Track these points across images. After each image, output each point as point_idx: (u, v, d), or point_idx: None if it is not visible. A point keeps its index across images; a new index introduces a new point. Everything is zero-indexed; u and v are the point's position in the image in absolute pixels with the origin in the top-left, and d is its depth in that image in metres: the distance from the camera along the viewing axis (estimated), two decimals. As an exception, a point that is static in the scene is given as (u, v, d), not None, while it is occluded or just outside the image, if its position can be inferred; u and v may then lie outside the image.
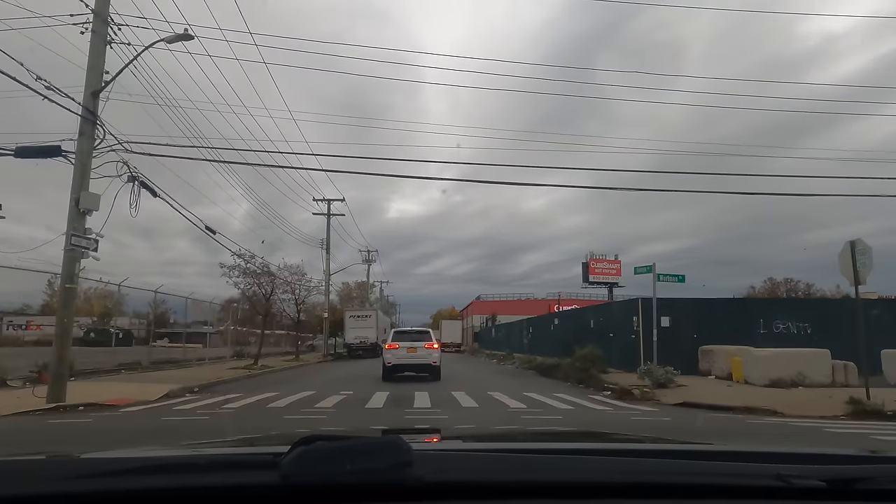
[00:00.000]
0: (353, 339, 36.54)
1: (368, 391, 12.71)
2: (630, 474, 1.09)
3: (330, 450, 0.98)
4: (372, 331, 36.54)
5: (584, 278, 65.20)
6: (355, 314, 37.53)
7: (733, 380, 13.55)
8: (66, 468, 1.09)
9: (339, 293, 54.52)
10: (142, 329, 31.29)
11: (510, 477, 1.05)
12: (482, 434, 3.06)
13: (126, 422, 8.67)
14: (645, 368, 12.82)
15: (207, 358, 24.99)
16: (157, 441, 6.87)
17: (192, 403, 10.72)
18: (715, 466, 1.16)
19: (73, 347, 11.97)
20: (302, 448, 0.97)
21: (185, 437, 6.91)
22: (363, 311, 38.80)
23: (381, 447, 1.04)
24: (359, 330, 36.56)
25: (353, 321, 36.94)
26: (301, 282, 29.00)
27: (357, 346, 36.36)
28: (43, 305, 46.55)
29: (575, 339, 21.82)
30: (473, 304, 77.97)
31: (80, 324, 35.72)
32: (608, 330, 18.39)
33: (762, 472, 1.08)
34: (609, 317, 18.85)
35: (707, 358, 15.29)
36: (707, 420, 9.14)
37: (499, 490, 1.02)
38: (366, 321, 36.75)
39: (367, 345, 36.38)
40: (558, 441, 2.15)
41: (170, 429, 7.89)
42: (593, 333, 19.80)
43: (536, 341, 29.10)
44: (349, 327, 36.82)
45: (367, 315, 37.36)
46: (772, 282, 68.43)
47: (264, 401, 10.99)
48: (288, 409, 9.86)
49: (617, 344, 16.88)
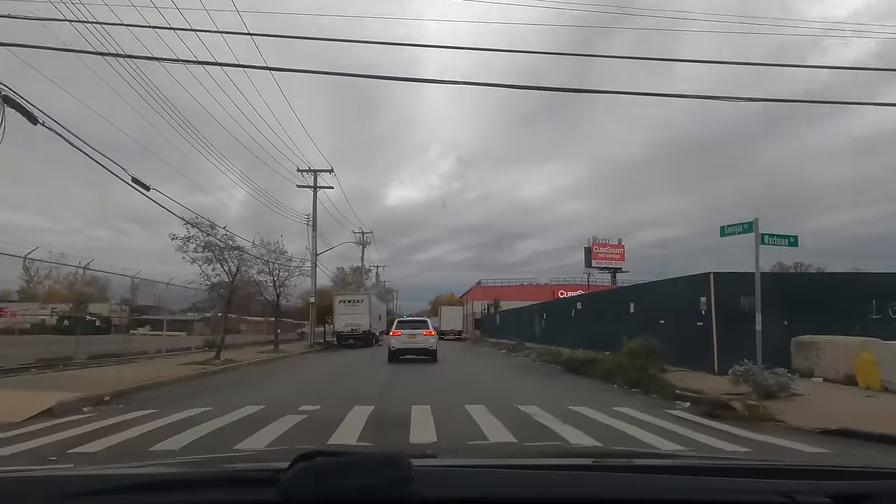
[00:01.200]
0: (343, 326, 32.58)
1: (345, 405, 8.77)
2: (632, 490, 1.08)
3: (330, 466, 0.97)
4: (364, 317, 32.56)
5: (586, 263, 62.90)
6: (346, 299, 33.52)
7: (861, 385, 9.65)
8: (58, 485, 1.07)
9: (334, 279, 50.68)
10: (124, 316, 28.35)
11: (511, 492, 1.04)
12: (483, 449, 3.44)
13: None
14: (743, 369, 8.89)
15: (164, 350, 21.09)
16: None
17: (47, 436, 6.72)
18: (718, 482, 1.14)
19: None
20: (302, 464, 0.96)
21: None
22: (354, 295, 34.78)
23: (381, 463, 1.01)
24: (350, 316, 32.56)
25: (343, 307, 32.94)
26: (279, 260, 24.97)
27: (347, 334, 32.40)
28: (19, 291, 42.63)
29: (609, 328, 18.00)
30: (473, 289, 74.30)
31: (56, 310, 32.15)
32: (656, 315, 14.42)
33: (766, 488, 1.06)
34: (658, 298, 14.81)
35: (806, 353, 11.35)
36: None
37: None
38: (357, 307, 32.75)
39: (359, 333, 32.42)
40: (560, 457, 2.14)
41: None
42: (634, 320, 15.90)
43: (553, 329, 25.23)
44: (339, 313, 32.85)
45: (358, 300, 33.36)
46: (781, 266, 66.20)
47: (168, 429, 7.00)
48: (190, 448, 5.89)
49: (670, 334, 12.87)
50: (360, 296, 34.40)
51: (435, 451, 2.51)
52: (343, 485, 0.93)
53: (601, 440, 6.36)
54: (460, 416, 7.92)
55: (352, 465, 0.98)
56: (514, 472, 1.27)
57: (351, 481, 0.94)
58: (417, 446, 5.54)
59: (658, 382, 10.81)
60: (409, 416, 7.77)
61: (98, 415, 8.31)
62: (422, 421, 7.42)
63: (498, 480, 1.12)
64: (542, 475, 1.18)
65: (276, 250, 24.68)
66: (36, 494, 1.01)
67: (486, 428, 6.96)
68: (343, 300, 33.34)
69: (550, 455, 2.33)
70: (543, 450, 3.35)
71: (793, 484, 1.05)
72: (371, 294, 35.56)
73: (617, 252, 64.09)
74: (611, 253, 63.99)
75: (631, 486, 1.10)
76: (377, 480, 0.94)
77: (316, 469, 0.95)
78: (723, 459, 1.68)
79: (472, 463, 1.58)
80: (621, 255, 64.05)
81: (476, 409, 8.39)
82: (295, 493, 0.92)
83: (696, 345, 12.32)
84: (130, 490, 1.04)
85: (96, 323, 31.58)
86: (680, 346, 12.47)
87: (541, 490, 1.04)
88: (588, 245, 63.92)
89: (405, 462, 0.97)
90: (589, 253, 62.76)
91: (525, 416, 8.01)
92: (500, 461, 1.75)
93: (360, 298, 33.54)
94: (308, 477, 0.94)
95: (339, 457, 1.00)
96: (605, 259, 63.22)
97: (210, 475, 1.29)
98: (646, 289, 15.63)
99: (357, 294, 35.38)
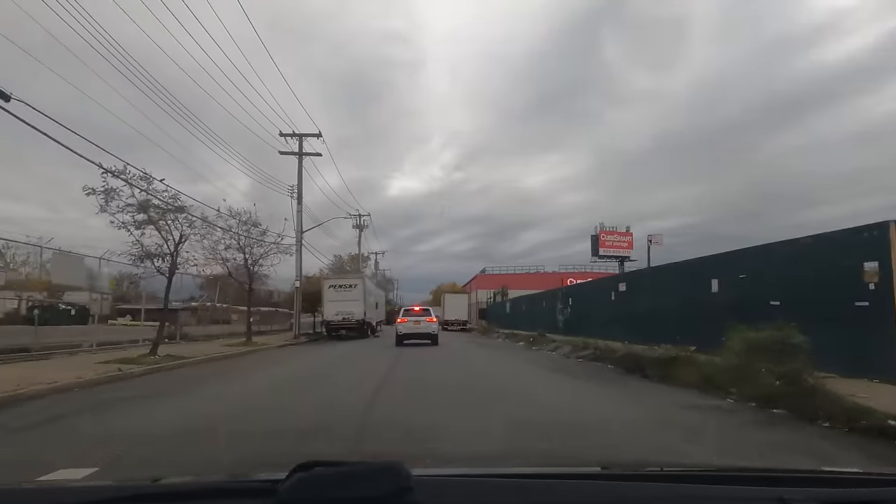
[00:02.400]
0: (333, 314, 28.17)
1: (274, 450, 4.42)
2: (633, 500, 1.08)
3: (328, 476, 0.96)
4: (358, 304, 28.15)
5: (592, 252, 60.08)
6: (336, 283, 29.10)
7: None
8: (51, 498, 1.07)
9: (331, 266, 46.45)
10: (105, 306, 24.96)
11: (509, 502, 1.04)
12: (482, 457, 3.09)
13: None
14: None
15: (109, 343, 16.89)
16: None
17: None
18: (715, 490, 1.15)
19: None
20: (300, 474, 0.95)
21: None
22: (346, 278, 30.39)
23: (380, 473, 0.98)
24: (341, 303, 28.14)
25: (333, 292, 28.54)
26: (250, 234, 20.55)
27: (338, 324, 28.01)
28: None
29: (670, 314, 13.57)
30: (478, 277, 70.20)
31: (29, 298, 28.81)
32: (763, 293, 9.97)
33: (764, 495, 1.07)
34: (768, 267, 10.11)
35: None
36: None
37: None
38: (350, 292, 28.33)
39: (352, 322, 28.05)
40: (559, 465, 2.05)
41: None
42: (716, 303, 11.51)
43: (583, 318, 20.84)
44: (328, 300, 28.46)
45: (351, 284, 28.93)
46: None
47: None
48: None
49: (798, 320, 8.32)
50: (352, 279, 30.00)
51: (434, 460, 2.44)
52: (341, 495, 0.92)
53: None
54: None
55: (350, 474, 0.97)
56: (514, 480, 1.26)
57: (349, 491, 0.93)
58: (416, 456, 3.66)
59: (821, 399, 6.41)
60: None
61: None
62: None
63: (497, 489, 1.12)
64: (542, 484, 1.17)
65: (248, 222, 20.25)
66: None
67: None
68: (333, 285, 28.94)
69: (552, 463, 2.22)
70: (546, 458, 3.14)
71: (790, 491, 1.05)
72: (366, 278, 31.18)
73: (625, 240, 60.77)
74: (618, 241, 60.73)
75: (630, 495, 1.10)
76: (376, 490, 0.92)
77: (314, 479, 0.95)
78: (720, 467, 1.45)
79: (472, 472, 1.51)
80: (629, 242, 60.70)
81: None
82: (293, 502, 0.91)
83: (856, 337, 7.89)
84: (127, 502, 1.02)
85: (71, 312, 27.98)
86: (819, 338, 7.97)
87: (541, 499, 1.05)
88: (595, 233, 61.00)
89: (404, 472, 0.96)
90: (596, 241, 59.85)
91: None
92: (499, 470, 1.62)
93: (353, 283, 29.13)
94: (306, 487, 0.93)
95: (337, 466, 1.00)
96: (612, 247, 60.06)
97: (207, 486, 1.23)
98: (743, 257, 11.08)
99: (349, 277, 31.03)
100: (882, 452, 4.87)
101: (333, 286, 28.73)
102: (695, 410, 7.00)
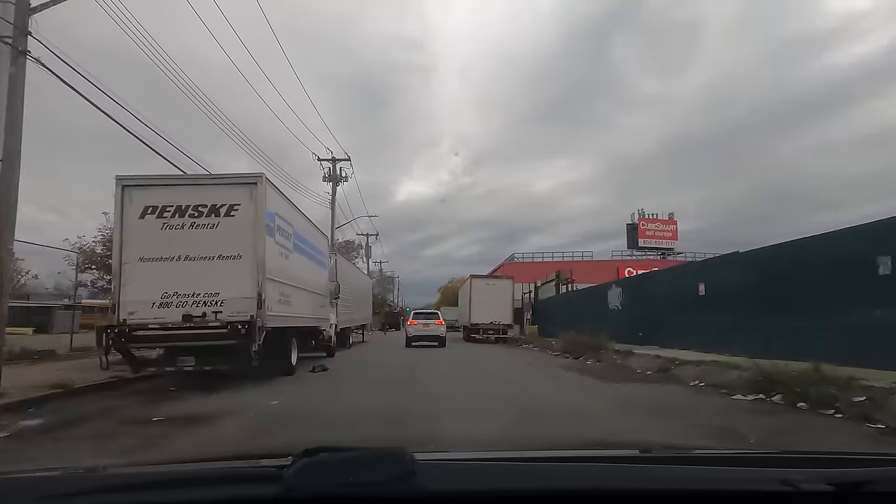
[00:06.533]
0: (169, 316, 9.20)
1: None
2: (635, 482, 1.07)
3: (333, 461, 0.96)
4: (249, 279, 9.32)
5: (629, 243, 52.72)
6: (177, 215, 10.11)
7: None
8: (56, 485, 1.05)
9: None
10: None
11: (513, 486, 1.03)
12: (486, 442, 3.18)
13: None
14: None
15: None
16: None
17: None
18: (721, 472, 1.14)
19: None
20: (305, 460, 0.95)
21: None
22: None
23: (384, 458, 1.00)
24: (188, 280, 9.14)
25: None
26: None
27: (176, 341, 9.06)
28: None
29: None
30: (506, 266, 51.76)
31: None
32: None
33: (768, 476, 1.06)
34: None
35: None
36: None
37: (502, 499, 1.00)
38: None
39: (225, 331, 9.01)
40: (564, 449, 2.06)
41: None
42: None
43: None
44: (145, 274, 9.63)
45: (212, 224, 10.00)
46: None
47: None
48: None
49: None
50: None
51: (438, 444, 2.60)
52: (346, 480, 0.92)
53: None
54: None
55: (355, 459, 0.97)
56: (518, 464, 1.25)
57: (354, 476, 0.93)
58: (420, 441, 3.97)
59: None
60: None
61: None
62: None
63: (500, 473, 1.10)
64: (545, 467, 1.16)
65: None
66: (29, 494, 0.96)
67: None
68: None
69: (557, 447, 2.18)
70: (551, 442, 3.03)
71: (794, 472, 1.03)
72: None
73: (669, 229, 53.47)
74: (661, 230, 53.19)
75: (636, 478, 1.08)
76: (380, 475, 0.92)
77: (319, 464, 0.95)
78: (724, 449, 1.59)
79: (475, 456, 1.51)
80: (673, 232, 53.54)
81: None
82: (298, 488, 0.91)
83: None
84: (133, 488, 1.00)
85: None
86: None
87: (543, 482, 1.03)
88: (632, 221, 53.00)
89: (408, 456, 0.96)
90: (634, 231, 52.51)
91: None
92: (504, 454, 1.66)
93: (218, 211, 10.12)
94: (311, 472, 0.93)
95: (342, 452, 0.99)
96: (654, 237, 52.67)
97: (213, 472, 1.24)
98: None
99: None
100: None
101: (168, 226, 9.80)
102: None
